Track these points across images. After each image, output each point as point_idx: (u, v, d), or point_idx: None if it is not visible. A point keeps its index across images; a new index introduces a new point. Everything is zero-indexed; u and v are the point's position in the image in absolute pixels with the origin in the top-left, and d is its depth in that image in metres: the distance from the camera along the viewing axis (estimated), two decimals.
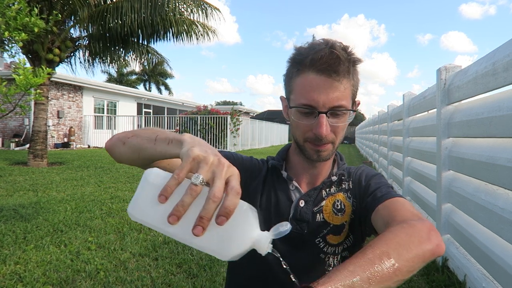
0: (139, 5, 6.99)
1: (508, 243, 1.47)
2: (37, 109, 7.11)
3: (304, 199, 0.77)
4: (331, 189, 0.79)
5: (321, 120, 0.67)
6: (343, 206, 0.77)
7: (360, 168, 0.83)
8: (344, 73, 0.66)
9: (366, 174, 0.80)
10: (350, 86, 0.69)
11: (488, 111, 1.66)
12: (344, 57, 0.66)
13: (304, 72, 0.67)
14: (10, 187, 4.82)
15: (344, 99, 0.67)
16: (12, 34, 3.59)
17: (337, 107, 0.67)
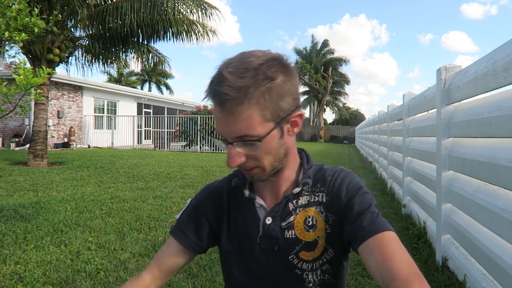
0: (138, 5, 7.00)
1: (508, 243, 1.47)
2: (37, 109, 7.11)
3: (271, 216, 0.74)
4: (299, 200, 0.74)
5: (228, 151, 0.64)
6: (314, 221, 0.73)
7: (338, 175, 0.75)
8: (235, 105, 0.59)
9: (347, 187, 0.73)
10: (256, 111, 0.61)
11: (488, 111, 1.66)
12: (235, 85, 0.59)
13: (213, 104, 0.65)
14: (10, 187, 4.82)
15: (249, 128, 0.61)
16: (12, 34, 3.59)
17: (241, 137, 0.62)
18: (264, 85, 0.61)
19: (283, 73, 0.64)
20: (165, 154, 11.32)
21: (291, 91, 0.65)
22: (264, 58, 0.62)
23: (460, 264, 2.01)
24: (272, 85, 0.61)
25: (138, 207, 3.88)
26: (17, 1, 3.68)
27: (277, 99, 0.63)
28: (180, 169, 7.34)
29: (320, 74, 31.83)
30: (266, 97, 0.61)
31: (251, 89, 0.60)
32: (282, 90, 0.63)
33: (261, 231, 0.74)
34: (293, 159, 0.75)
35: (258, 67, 0.61)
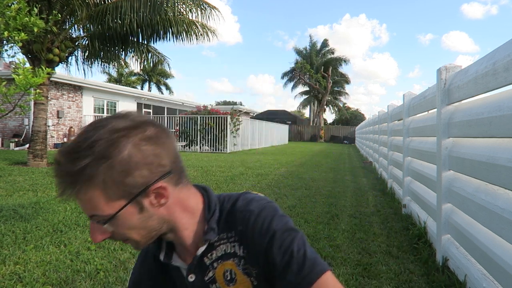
0: (138, 4, 6.99)
1: (508, 243, 1.47)
2: (36, 109, 7.10)
3: (192, 273, 0.72)
4: (214, 253, 0.71)
5: (91, 227, 0.63)
6: (233, 275, 0.70)
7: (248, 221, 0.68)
8: (73, 189, 0.58)
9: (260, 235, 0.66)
10: (98, 191, 0.58)
11: (488, 111, 1.66)
12: (68, 170, 0.56)
13: None
14: (9, 187, 4.82)
15: (95, 208, 0.59)
16: (12, 34, 3.59)
17: (92, 216, 0.61)
18: (102, 164, 0.56)
19: (136, 145, 0.59)
20: None
21: (146, 162, 0.60)
22: (108, 132, 0.58)
23: (460, 264, 2.01)
24: (113, 163, 0.57)
25: None
26: (16, 0, 3.68)
27: (122, 176, 0.58)
28: None
29: (320, 74, 31.84)
30: (107, 176, 0.57)
31: (87, 170, 0.56)
32: (129, 165, 0.58)
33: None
34: (186, 216, 0.69)
35: (93, 145, 0.56)
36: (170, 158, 0.65)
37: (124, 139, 0.58)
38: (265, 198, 0.74)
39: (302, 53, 35.77)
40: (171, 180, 0.65)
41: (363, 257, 2.50)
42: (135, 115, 0.63)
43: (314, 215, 3.71)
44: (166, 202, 0.64)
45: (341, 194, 4.95)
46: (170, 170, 0.64)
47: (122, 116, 0.62)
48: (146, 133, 0.61)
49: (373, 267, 2.32)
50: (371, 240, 2.90)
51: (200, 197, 0.73)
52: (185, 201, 0.69)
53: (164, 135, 0.65)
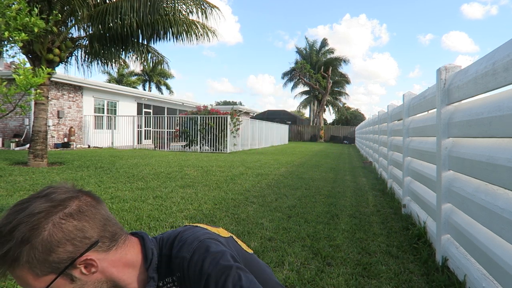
0: (138, 5, 6.99)
1: (508, 243, 1.47)
2: (37, 109, 7.11)
3: None
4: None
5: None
6: None
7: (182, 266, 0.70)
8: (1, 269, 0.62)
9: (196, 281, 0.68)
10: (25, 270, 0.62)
11: (488, 111, 1.66)
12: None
13: None
14: (10, 187, 4.82)
15: (27, 284, 0.63)
16: (12, 34, 3.59)
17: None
18: (23, 246, 0.60)
19: (56, 224, 0.62)
20: (165, 154, 11.32)
21: (69, 238, 0.63)
22: (27, 216, 0.62)
23: (460, 264, 2.01)
24: (35, 244, 0.61)
25: (138, 207, 3.88)
26: (16, 1, 3.68)
27: (45, 255, 0.61)
28: (180, 169, 7.34)
29: (320, 74, 31.84)
30: (30, 257, 0.61)
31: (10, 254, 0.60)
32: (51, 243, 0.62)
33: None
34: (128, 271, 0.72)
35: (14, 230, 0.60)
36: (97, 228, 0.67)
37: (43, 220, 0.62)
38: (198, 236, 0.74)
39: (303, 53, 35.78)
40: (100, 248, 0.67)
41: (363, 257, 2.50)
42: (57, 193, 0.66)
43: (314, 215, 3.71)
44: (96, 270, 0.66)
45: (341, 194, 4.95)
46: (97, 240, 0.66)
47: (44, 195, 0.65)
48: (66, 210, 0.64)
49: (373, 267, 2.33)
50: (371, 240, 2.91)
51: (138, 247, 0.75)
52: (123, 259, 0.71)
53: (90, 206, 0.67)
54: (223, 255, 0.70)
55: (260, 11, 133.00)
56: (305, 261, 2.40)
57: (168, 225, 3.23)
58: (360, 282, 2.10)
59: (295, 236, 2.96)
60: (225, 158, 10.41)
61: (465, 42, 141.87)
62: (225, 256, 0.70)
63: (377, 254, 2.58)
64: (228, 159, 10.24)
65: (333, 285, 2.05)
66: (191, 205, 4.04)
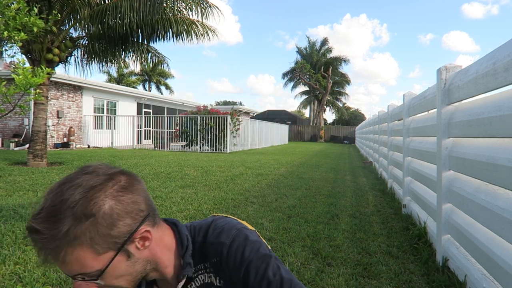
0: (138, 4, 6.99)
1: (508, 243, 1.47)
2: (36, 109, 7.10)
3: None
4: (192, 285, 0.75)
5: (75, 285, 0.62)
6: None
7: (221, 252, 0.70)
8: (58, 253, 0.58)
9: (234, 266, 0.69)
10: (85, 249, 0.59)
11: (488, 111, 1.66)
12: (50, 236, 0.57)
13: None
14: (9, 187, 4.81)
15: (83, 267, 0.59)
16: (12, 34, 3.59)
17: (77, 276, 0.61)
18: (85, 223, 0.58)
19: (114, 197, 0.61)
20: (165, 154, 11.31)
21: (127, 211, 0.62)
22: (84, 190, 0.59)
23: (460, 264, 2.00)
24: (96, 219, 0.58)
25: None
26: (16, 0, 3.67)
27: (107, 229, 0.60)
28: (180, 169, 7.34)
29: (320, 73, 31.85)
30: (92, 233, 0.58)
31: (70, 232, 0.57)
32: (112, 217, 0.60)
33: None
34: (166, 253, 0.72)
35: (74, 206, 0.57)
36: (145, 202, 0.67)
37: (102, 194, 0.60)
38: (234, 225, 0.74)
39: (303, 53, 35.78)
40: (150, 222, 0.67)
41: (363, 257, 2.50)
42: (103, 169, 0.65)
43: (314, 215, 3.71)
44: (149, 244, 0.67)
45: (341, 194, 4.94)
46: (148, 213, 0.67)
47: (91, 171, 0.63)
48: (121, 183, 0.63)
49: (373, 267, 2.32)
50: (371, 240, 2.90)
51: (171, 232, 0.75)
52: (163, 239, 0.72)
53: (136, 182, 0.67)
54: (261, 244, 0.71)
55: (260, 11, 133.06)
56: (305, 261, 2.40)
57: None
58: (360, 283, 2.10)
59: (295, 236, 2.96)
60: (225, 158, 10.41)
61: (465, 42, 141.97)
62: (263, 245, 0.71)
63: (377, 254, 2.58)
64: (228, 159, 10.24)
65: (333, 286, 2.04)
66: (191, 205, 4.03)
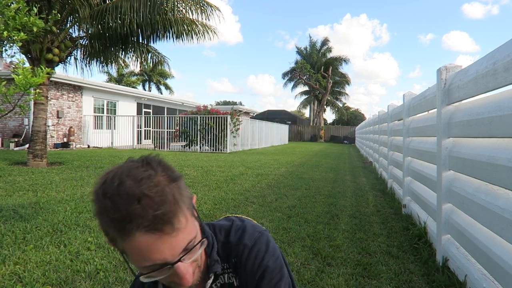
0: (138, 4, 6.98)
1: (508, 243, 1.46)
2: (36, 109, 7.10)
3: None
4: (218, 284, 0.74)
5: (180, 271, 0.59)
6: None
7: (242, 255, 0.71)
8: (173, 215, 0.56)
9: (252, 270, 0.69)
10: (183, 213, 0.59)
11: (488, 111, 1.66)
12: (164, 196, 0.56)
13: (130, 237, 0.55)
14: (9, 187, 4.81)
15: (187, 232, 0.59)
16: (11, 33, 3.58)
17: (187, 246, 0.59)
18: (175, 186, 0.59)
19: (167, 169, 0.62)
20: (165, 154, 11.31)
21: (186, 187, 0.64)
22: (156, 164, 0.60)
23: (460, 264, 2.00)
24: (179, 183, 0.60)
25: None
26: (15, 0, 3.67)
27: (186, 192, 0.62)
28: (180, 169, 7.34)
29: (320, 73, 31.84)
30: (182, 196, 0.59)
31: (176, 195, 0.58)
32: (181, 183, 0.62)
33: None
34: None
35: (165, 173, 0.59)
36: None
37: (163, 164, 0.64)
38: (256, 228, 0.74)
39: (303, 53, 35.76)
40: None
41: (363, 257, 2.50)
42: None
43: (314, 215, 3.71)
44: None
45: (341, 194, 4.94)
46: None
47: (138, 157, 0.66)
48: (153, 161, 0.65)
49: (373, 267, 2.32)
50: (371, 240, 2.90)
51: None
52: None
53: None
54: (280, 253, 0.72)
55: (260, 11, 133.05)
56: (305, 261, 2.40)
57: None
58: (360, 283, 2.10)
59: (295, 236, 2.96)
60: (225, 158, 10.41)
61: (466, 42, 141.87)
62: (281, 255, 0.72)
63: (377, 254, 2.58)
64: (228, 159, 10.24)
65: (333, 286, 2.04)
66: None
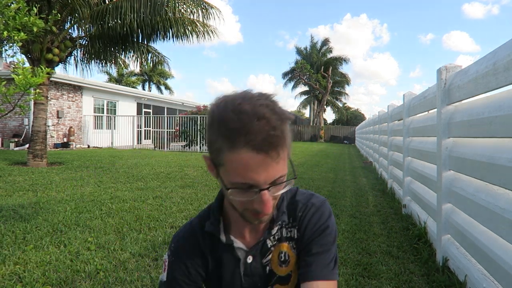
0: (138, 5, 6.99)
1: (509, 243, 1.46)
2: (36, 109, 7.10)
3: (251, 254, 0.75)
4: (275, 236, 0.76)
5: (264, 198, 0.61)
6: (287, 257, 0.76)
7: (308, 211, 0.75)
8: (280, 144, 0.59)
9: (314, 226, 0.74)
10: (286, 149, 0.62)
11: (488, 111, 1.65)
12: (278, 125, 0.58)
13: (238, 149, 0.58)
14: (9, 187, 4.81)
15: (283, 167, 0.62)
16: (11, 33, 3.58)
17: (277, 179, 0.62)
18: (286, 123, 0.61)
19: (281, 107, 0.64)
20: (165, 154, 11.31)
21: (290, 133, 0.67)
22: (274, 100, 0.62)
23: (460, 264, 2.00)
24: (288, 124, 0.62)
25: (138, 207, 3.87)
26: (15, 0, 3.67)
27: (290, 134, 0.63)
28: (180, 169, 7.34)
29: (320, 73, 31.83)
30: (288, 134, 0.62)
31: (285, 130, 0.60)
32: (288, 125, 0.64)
33: (243, 271, 0.75)
34: None
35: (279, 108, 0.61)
36: None
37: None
38: (321, 196, 0.81)
39: (303, 53, 35.75)
40: None
41: (363, 257, 2.49)
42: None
43: None
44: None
45: (341, 194, 4.94)
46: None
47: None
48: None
49: (373, 267, 2.32)
50: (371, 240, 2.90)
51: None
52: None
53: None
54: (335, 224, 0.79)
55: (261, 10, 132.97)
56: None
57: (168, 225, 3.23)
58: (360, 282, 2.10)
59: None
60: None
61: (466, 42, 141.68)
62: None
63: (377, 254, 2.58)
64: None
65: None
66: (191, 205, 4.03)
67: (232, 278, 0.76)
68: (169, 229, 3.12)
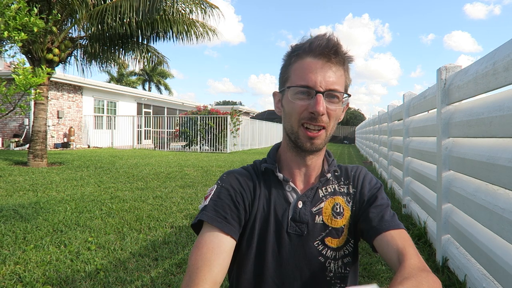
0: (137, 4, 6.98)
1: (508, 243, 1.47)
2: (36, 109, 7.10)
3: (302, 200, 0.75)
4: (328, 188, 0.78)
5: (318, 99, 0.68)
6: (342, 209, 0.77)
7: (360, 171, 0.82)
8: (340, 60, 0.71)
9: (370, 184, 0.80)
10: (344, 77, 0.72)
11: (488, 111, 1.66)
12: (341, 48, 0.71)
13: (302, 57, 0.70)
14: (10, 187, 4.82)
15: (340, 84, 0.70)
16: (12, 34, 3.59)
17: (333, 90, 0.69)
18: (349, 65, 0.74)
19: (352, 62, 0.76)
20: (165, 154, 11.32)
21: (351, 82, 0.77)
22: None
23: (460, 264, 2.01)
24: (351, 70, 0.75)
25: (138, 207, 3.88)
26: (16, 0, 3.67)
27: (349, 80, 0.75)
28: (180, 169, 7.34)
29: None
30: (348, 74, 0.74)
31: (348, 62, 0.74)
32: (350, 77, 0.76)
33: (291, 214, 0.75)
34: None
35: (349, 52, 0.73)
36: None
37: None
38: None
39: None
40: None
41: (363, 257, 2.50)
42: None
43: None
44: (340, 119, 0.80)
45: None
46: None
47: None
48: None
49: (373, 267, 2.32)
50: None
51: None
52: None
53: None
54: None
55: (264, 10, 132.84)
56: None
57: (168, 225, 3.23)
58: (360, 282, 2.10)
59: None
60: (225, 158, 10.41)
61: (467, 42, 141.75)
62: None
63: (377, 254, 2.58)
64: (228, 159, 10.24)
65: None
66: (191, 205, 4.03)
67: (278, 223, 0.74)
68: (169, 229, 3.12)
